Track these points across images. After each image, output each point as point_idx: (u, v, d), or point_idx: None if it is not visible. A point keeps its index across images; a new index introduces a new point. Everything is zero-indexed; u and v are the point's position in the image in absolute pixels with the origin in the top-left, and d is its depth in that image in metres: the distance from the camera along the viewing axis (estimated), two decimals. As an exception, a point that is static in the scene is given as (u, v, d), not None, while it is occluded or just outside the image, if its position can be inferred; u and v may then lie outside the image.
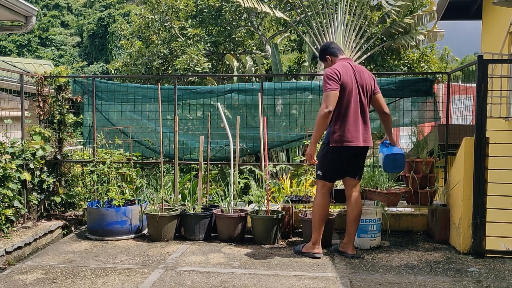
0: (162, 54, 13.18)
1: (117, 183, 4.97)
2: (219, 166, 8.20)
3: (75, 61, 36.31)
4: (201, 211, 4.50)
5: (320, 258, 3.88)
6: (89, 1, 41.64)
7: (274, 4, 13.36)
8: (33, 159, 4.88)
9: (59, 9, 41.80)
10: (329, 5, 12.00)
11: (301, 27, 13.79)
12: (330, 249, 4.11)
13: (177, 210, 4.54)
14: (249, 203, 4.89)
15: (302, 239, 4.42)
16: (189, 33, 12.89)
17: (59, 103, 5.35)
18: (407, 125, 5.21)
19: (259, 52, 14.57)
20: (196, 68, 11.74)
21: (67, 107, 5.40)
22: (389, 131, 4.05)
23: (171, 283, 3.30)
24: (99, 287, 3.23)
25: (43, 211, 5.17)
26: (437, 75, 5.38)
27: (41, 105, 5.26)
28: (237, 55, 14.43)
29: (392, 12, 11.89)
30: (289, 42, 16.58)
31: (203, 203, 4.74)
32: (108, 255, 4.01)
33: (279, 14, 11.38)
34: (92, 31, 36.93)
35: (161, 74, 12.98)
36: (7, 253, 4.06)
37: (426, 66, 14.17)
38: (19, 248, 4.25)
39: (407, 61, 14.00)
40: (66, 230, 5.18)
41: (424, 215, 4.81)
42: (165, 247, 4.25)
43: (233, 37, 13.88)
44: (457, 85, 4.91)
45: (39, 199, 5.05)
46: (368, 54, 12.74)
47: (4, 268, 3.87)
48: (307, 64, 13.31)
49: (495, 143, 3.91)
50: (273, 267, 3.66)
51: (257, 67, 13.48)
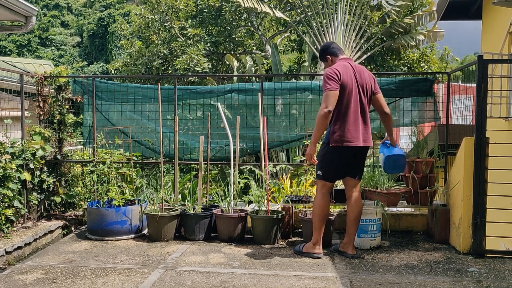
0: (162, 54, 13.18)
1: (117, 183, 4.97)
2: (219, 166, 8.20)
3: (75, 61, 36.32)
4: (201, 211, 4.50)
5: (321, 258, 3.88)
6: (89, 1, 41.64)
7: (274, 4, 13.36)
8: (33, 159, 4.88)
9: (59, 9, 41.82)
10: (329, 5, 12.00)
11: (301, 27, 13.79)
12: (330, 249, 4.11)
13: (177, 210, 4.55)
14: (249, 203, 4.89)
15: (302, 239, 4.42)
16: (189, 33, 12.89)
17: (59, 103, 5.35)
18: (407, 125, 5.21)
19: (259, 52, 14.57)
20: (196, 68, 11.74)
21: (67, 107, 5.40)
22: (389, 132, 4.04)
23: (171, 283, 3.30)
24: (99, 287, 3.23)
25: (43, 211, 5.17)
26: (437, 75, 5.38)
27: (41, 105, 5.26)
28: (237, 55, 14.43)
29: (392, 12, 11.89)
30: (289, 42, 16.57)
31: (203, 203, 4.74)
32: (108, 255, 4.01)
33: (279, 14, 11.38)
34: (92, 31, 36.94)
35: (161, 74, 12.98)
36: (7, 253, 4.06)
37: (426, 66, 14.17)
38: (19, 248, 4.25)
39: (407, 61, 13.99)
40: (66, 230, 5.18)
41: (424, 215, 4.81)
42: (165, 247, 4.25)
43: (233, 37, 13.87)
44: (457, 85, 4.91)
45: (39, 199, 5.05)
46: (368, 54, 12.73)
47: (4, 268, 3.87)
48: (307, 64, 13.31)
49: (495, 143, 3.91)
50: (273, 267, 3.66)
51: (257, 67, 13.48)
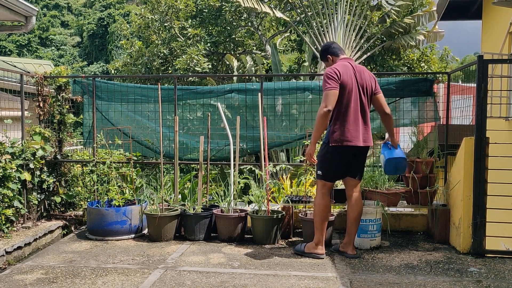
0: (162, 54, 13.17)
1: (117, 183, 4.97)
2: (219, 166, 8.20)
3: (75, 61, 36.33)
4: (201, 211, 4.50)
5: (323, 258, 3.86)
6: (89, 1, 41.65)
7: (274, 4, 13.36)
8: (33, 159, 4.88)
9: (59, 9, 41.82)
10: (329, 5, 12.00)
11: (301, 27, 13.79)
12: (330, 249, 4.11)
13: (177, 210, 4.54)
14: (249, 203, 4.89)
15: (302, 239, 4.42)
16: (189, 33, 12.88)
17: (59, 103, 5.35)
18: (407, 125, 5.21)
19: (259, 52, 14.56)
20: (196, 68, 11.74)
21: (67, 107, 5.41)
22: (390, 132, 4.01)
23: (171, 283, 3.30)
24: (99, 287, 3.23)
25: (43, 211, 5.17)
26: (437, 75, 5.38)
27: (41, 105, 5.26)
28: (237, 55, 14.43)
29: (392, 12, 11.89)
30: (289, 42, 16.57)
31: (203, 203, 4.74)
32: (108, 255, 4.01)
33: (279, 14, 11.38)
34: (92, 31, 36.95)
35: (161, 74, 12.98)
36: (7, 253, 4.06)
37: (426, 66, 14.16)
38: (19, 248, 4.25)
39: (407, 61, 13.98)
40: (66, 230, 5.18)
41: (424, 215, 4.81)
42: (165, 247, 4.25)
43: (233, 37, 13.87)
44: (457, 85, 4.90)
45: (39, 199, 5.05)
46: (368, 54, 12.73)
47: (4, 268, 3.87)
48: (307, 64, 13.31)
49: (495, 143, 3.91)
50: (273, 267, 3.66)
51: (257, 67, 13.49)
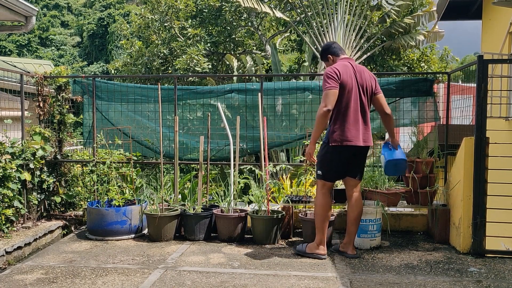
0: (162, 54, 13.17)
1: (117, 183, 4.97)
2: (219, 166, 8.20)
3: (75, 61, 36.33)
4: (201, 211, 4.50)
5: (325, 259, 3.85)
6: (89, 1, 41.65)
7: (274, 4, 13.36)
8: (33, 159, 4.88)
9: (59, 9, 41.82)
10: (329, 5, 12.00)
11: (301, 27, 13.79)
12: (330, 249, 4.10)
13: (177, 210, 4.54)
14: (249, 203, 4.89)
15: (302, 239, 4.42)
16: (189, 33, 12.88)
17: (59, 103, 5.35)
18: (407, 125, 5.21)
19: (259, 52, 14.56)
20: (196, 68, 11.74)
21: (67, 107, 5.41)
22: (391, 132, 4.00)
23: (171, 283, 3.30)
24: (99, 287, 3.23)
25: (43, 211, 5.17)
26: (437, 75, 5.38)
27: (41, 105, 5.26)
28: (237, 55, 14.43)
29: (392, 12, 11.89)
30: (289, 42, 16.57)
31: (203, 203, 4.74)
32: (108, 255, 4.01)
33: (279, 14, 11.38)
34: (92, 31, 36.94)
35: (161, 74, 12.98)
36: (7, 253, 4.06)
37: (426, 66, 14.16)
38: (19, 248, 4.25)
39: (407, 61, 13.98)
40: (66, 230, 5.18)
41: (424, 215, 4.81)
42: (165, 247, 4.25)
43: (233, 37, 13.87)
44: (457, 85, 4.90)
45: (39, 199, 5.05)
46: (368, 54, 12.73)
47: (4, 268, 3.87)
48: (307, 64, 13.31)
49: (495, 143, 3.91)
50: (273, 267, 3.66)
51: (257, 67, 13.49)
